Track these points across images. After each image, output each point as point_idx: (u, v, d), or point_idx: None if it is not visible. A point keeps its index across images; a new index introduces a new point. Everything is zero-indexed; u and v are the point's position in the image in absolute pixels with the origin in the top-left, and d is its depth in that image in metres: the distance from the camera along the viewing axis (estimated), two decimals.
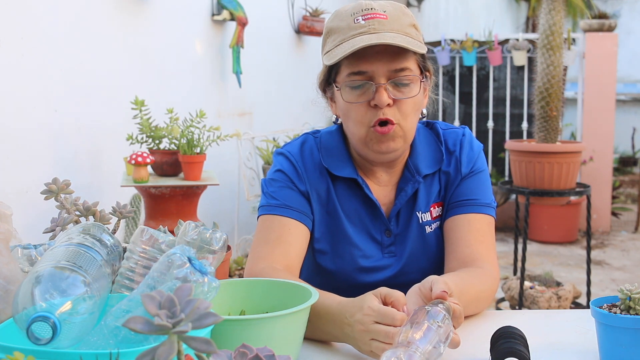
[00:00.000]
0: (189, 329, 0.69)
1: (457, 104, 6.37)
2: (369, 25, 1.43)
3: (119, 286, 1.14)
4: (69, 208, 1.33)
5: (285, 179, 1.55)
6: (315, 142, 1.60)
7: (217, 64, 4.25)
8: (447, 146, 1.59)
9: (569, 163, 3.81)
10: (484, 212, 1.55)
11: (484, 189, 1.58)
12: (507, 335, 1.16)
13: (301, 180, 1.55)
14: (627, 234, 6.36)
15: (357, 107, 1.47)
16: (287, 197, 1.53)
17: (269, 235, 1.51)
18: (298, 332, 1.17)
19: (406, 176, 1.57)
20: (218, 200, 4.11)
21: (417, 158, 1.57)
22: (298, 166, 1.56)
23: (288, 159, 1.58)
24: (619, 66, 6.52)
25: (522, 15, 11.60)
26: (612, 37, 6.08)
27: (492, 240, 1.56)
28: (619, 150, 8.66)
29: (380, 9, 1.45)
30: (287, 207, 1.52)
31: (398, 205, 1.56)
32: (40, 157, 2.66)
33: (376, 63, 1.43)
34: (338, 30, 1.46)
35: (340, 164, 1.57)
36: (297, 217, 1.52)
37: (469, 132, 1.63)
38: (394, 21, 1.44)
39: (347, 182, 1.57)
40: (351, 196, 1.56)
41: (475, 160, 1.59)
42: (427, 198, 1.58)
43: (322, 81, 1.56)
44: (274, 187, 1.55)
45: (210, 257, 1.21)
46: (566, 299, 3.77)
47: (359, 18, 1.44)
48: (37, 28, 2.61)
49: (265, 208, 1.54)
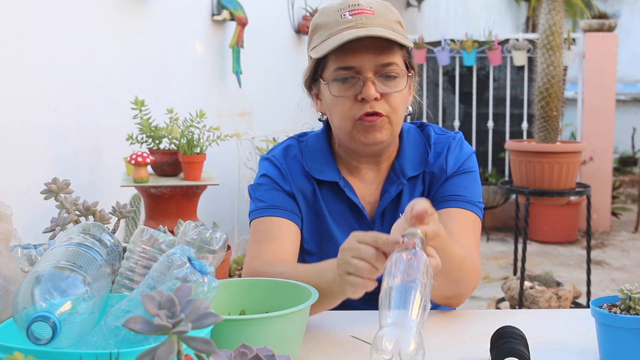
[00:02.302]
0: (189, 329, 0.69)
1: (457, 104, 6.37)
2: (356, 20, 1.44)
3: (119, 286, 1.14)
4: (69, 208, 1.33)
5: (271, 182, 1.58)
6: (300, 147, 1.62)
7: (217, 64, 4.25)
8: (435, 149, 1.59)
9: (569, 163, 3.81)
10: (469, 209, 1.53)
11: (471, 188, 1.56)
12: (507, 335, 1.16)
13: (286, 181, 1.57)
14: (627, 234, 6.35)
15: (344, 101, 1.47)
16: (274, 198, 1.55)
17: (261, 236, 1.53)
18: (298, 332, 1.17)
19: (391, 177, 1.57)
20: (218, 200, 4.11)
21: (404, 160, 1.58)
22: (282, 168, 1.58)
23: (272, 162, 1.60)
24: (619, 66, 6.52)
25: (522, 15, 11.60)
26: (612, 37, 6.08)
27: (476, 238, 1.53)
28: (619, 150, 8.66)
29: (367, 5, 1.47)
30: (276, 207, 1.54)
31: (382, 207, 1.56)
32: (40, 157, 2.66)
33: (364, 57, 1.44)
34: (325, 25, 1.47)
35: (323, 167, 1.58)
36: (286, 215, 1.54)
37: (461, 136, 1.63)
38: (380, 16, 1.46)
39: (330, 184, 1.58)
40: (335, 199, 1.57)
41: (463, 161, 1.57)
42: (411, 199, 1.56)
43: (308, 78, 1.57)
44: (260, 191, 1.58)
45: (210, 257, 1.21)
46: (566, 299, 3.77)
47: (346, 13, 1.45)
48: (37, 28, 2.61)
49: (255, 212, 1.56)
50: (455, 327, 1.37)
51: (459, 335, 1.32)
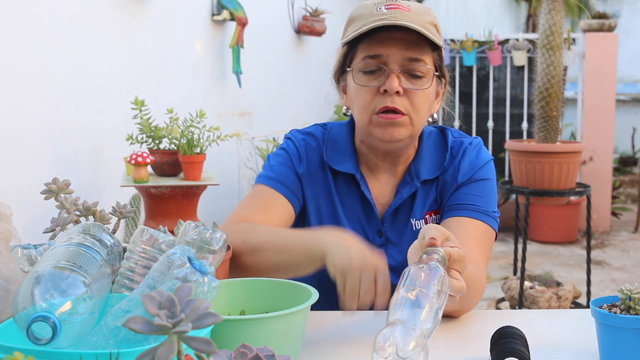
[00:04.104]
0: (189, 329, 0.69)
1: (457, 104, 6.37)
2: (390, 14, 1.43)
3: (119, 286, 1.14)
4: (69, 208, 1.33)
5: (287, 157, 1.59)
6: (323, 135, 1.62)
7: (217, 64, 4.25)
8: (452, 153, 1.57)
9: (569, 163, 3.81)
10: (481, 218, 1.49)
11: (484, 196, 1.51)
12: (507, 335, 1.15)
13: (300, 163, 1.58)
14: (627, 234, 6.35)
15: (366, 92, 1.47)
16: (284, 174, 1.57)
17: (256, 202, 1.54)
18: (298, 332, 1.17)
19: (406, 179, 1.56)
20: (218, 200, 4.11)
21: (420, 162, 1.56)
22: (301, 151, 1.59)
23: (294, 142, 1.61)
24: (619, 66, 6.52)
25: (522, 15, 11.60)
26: (612, 37, 6.08)
27: (486, 249, 1.48)
28: (619, 150, 8.65)
29: (405, 3, 1.46)
30: (281, 182, 1.56)
31: (392, 207, 1.55)
32: (40, 157, 2.66)
33: (392, 48, 1.44)
34: (360, 17, 1.47)
35: (342, 158, 1.57)
36: (287, 194, 1.55)
37: (479, 141, 1.59)
38: (415, 15, 1.45)
39: (346, 177, 1.57)
40: (350, 192, 1.57)
41: (478, 169, 1.54)
42: (423, 205, 1.55)
43: (337, 69, 1.57)
44: (275, 161, 1.59)
45: (210, 257, 1.21)
46: (566, 299, 3.77)
47: (381, 7, 1.45)
48: (37, 28, 2.61)
49: (262, 178, 1.58)
50: (455, 327, 1.36)
51: (459, 335, 1.32)
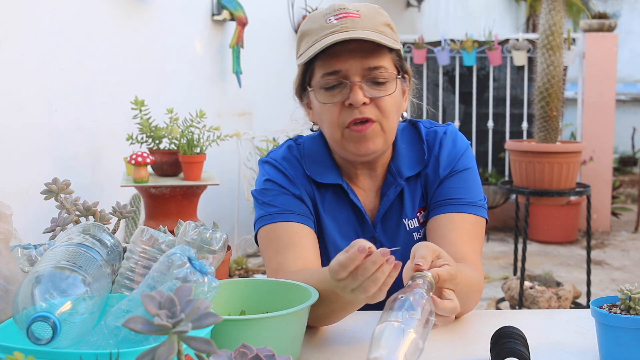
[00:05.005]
0: (189, 329, 0.69)
1: (457, 104, 6.37)
2: (341, 24, 1.39)
3: (119, 286, 1.14)
4: (69, 208, 1.33)
5: (277, 187, 1.50)
6: (299, 151, 1.55)
7: (217, 64, 4.25)
8: (428, 145, 1.53)
9: (569, 163, 3.81)
10: (469, 211, 1.47)
11: (468, 187, 1.49)
12: (507, 335, 1.15)
13: (293, 185, 1.50)
14: (627, 234, 6.35)
15: (332, 108, 1.42)
16: (286, 202, 1.47)
17: (279, 244, 1.44)
18: (298, 332, 1.17)
19: (388, 180, 1.52)
20: (218, 200, 4.11)
21: (399, 160, 1.52)
22: (287, 172, 1.51)
23: (275, 166, 1.52)
24: (619, 66, 6.51)
25: (522, 15, 11.61)
26: (612, 37, 6.08)
27: (478, 242, 1.48)
28: (619, 150, 8.65)
29: (354, 9, 1.42)
30: (289, 212, 1.47)
31: (382, 211, 1.51)
32: (40, 156, 2.66)
33: (350, 61, 1.39)
34: (311, 32, 1.43)
35: (324, 170, 1.52)
36: (301, 220, 1.46)
37: (453, 129, 1.55)
38: (367, 20, 1.41)
39: (333, 188, 1.52)
40: (338, 203, 1.52)
41: (457, 159, 1.51)
42: (413, 203, 1.52)
43: (298, 87, 1.52)
44: (269, 196, 1.49)
45: (210, 257, 1.21)
46: (566, 299, 3.77)
47: (331, 18, 1.41)
48: (37, 28, 2.61)
49: (266, 218, 1.47)
50: (455, 327, 1.36)
51: (459, 335, 1.32)
